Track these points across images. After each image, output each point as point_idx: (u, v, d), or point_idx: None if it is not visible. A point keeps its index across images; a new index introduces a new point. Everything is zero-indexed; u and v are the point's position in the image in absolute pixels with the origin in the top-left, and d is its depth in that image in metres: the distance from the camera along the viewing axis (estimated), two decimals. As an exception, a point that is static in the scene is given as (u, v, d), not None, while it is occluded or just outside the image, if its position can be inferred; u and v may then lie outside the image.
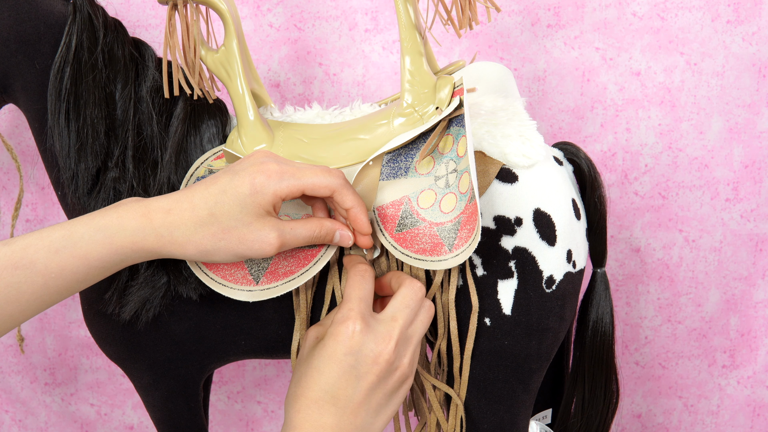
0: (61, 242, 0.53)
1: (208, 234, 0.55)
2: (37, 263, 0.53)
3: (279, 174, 0.55)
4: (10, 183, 0.97)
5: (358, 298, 0.56)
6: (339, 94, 0.92)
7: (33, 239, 0.53)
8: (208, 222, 0.54)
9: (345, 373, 0.54)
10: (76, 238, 0.53)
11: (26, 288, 0.53)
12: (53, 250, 0.53)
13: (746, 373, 1.02)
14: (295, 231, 0.57)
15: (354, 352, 0.54)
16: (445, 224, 0.59)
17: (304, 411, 0.54)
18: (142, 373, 0.70)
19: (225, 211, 0.54)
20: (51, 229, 0.54)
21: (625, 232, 0.97)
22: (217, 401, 1.05)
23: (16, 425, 1.07)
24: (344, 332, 0.54)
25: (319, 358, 0.55)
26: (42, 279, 0.53)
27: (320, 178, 0.57)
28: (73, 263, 0.53)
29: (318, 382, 0.54)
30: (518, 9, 0.90)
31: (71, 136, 0.64)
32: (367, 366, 0.55)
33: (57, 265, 0.53)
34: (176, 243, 0.55)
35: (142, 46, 0.67)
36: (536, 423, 0.74)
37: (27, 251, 0.53)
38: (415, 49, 0.63)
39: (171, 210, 0.54)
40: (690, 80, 0.91)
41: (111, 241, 0.54)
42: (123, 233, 0.54)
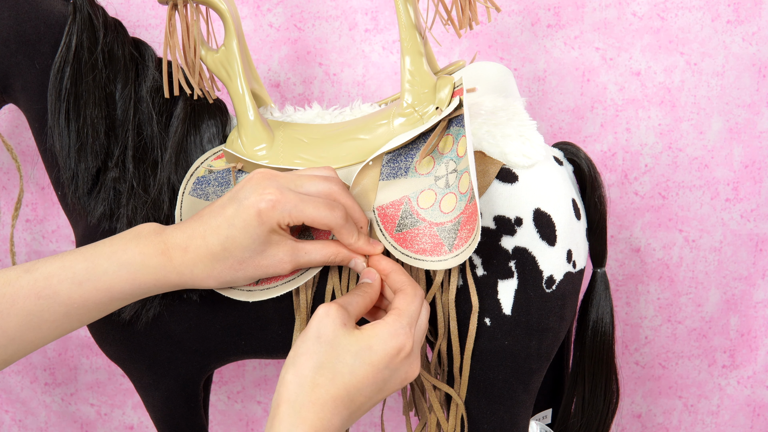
0: (84, 275, 0.54)
1: (225, 267, 0.56)
2: (61, 294, 0.54)
3: (281, 204, 0.55)
4: (10, 183, 0.97)
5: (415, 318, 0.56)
6: (339, 94, 0.92)
7: (55, 268, 0.54)
8: (223, 257, 0.56)
9: (374, 384, 0.53)
10: (99, 273, 0.54)
11: (48, 316, 0.54)
12: (77, 282, 0.54)
13: (746, 373, 1.02)
14: (309, 255, 0.58)
15: (394, 368, 0.54)
16: (445, 224, 0.59)
17: (320, 407, 0.51)
18: (142, 373, 0.70)
19: (237, 245, 0.55)
20: (73, 259, 0.55)
21: (625, 232, 0.97)
22: (217, 401, 1.05)
23: (16, 425, 1.07)
24: (396, 349, 0.53)
25: (358, 358, 0.52)
26: (64, 309, 0.54)
27: (322, 213, 0.56)
28: (96, 295, 0.55)
29: (347, 382, 0.52)
30: (518, 9, 0.90)
31: (71, 136, 0.64)
32: (394, 384, 0.55)
33: (80, 296, 0.54)
34: (197, 278, 0.56)
35: (142, 46, 0.67)
36: (536, 423, 0.74)
37: (50, 281, 0.54)
38: (415, 49, 0.63)
39: (188, 248, 0.55)
40: (690, 80, 0.91)
41: (134, 277, 0.55)
42: (145, 270, 0.55)
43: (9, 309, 0.53)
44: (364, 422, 1.07)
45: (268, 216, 0.55)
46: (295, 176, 0.58)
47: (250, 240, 0.55)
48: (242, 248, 0.55)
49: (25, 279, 0.53)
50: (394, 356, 0.53)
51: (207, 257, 0.55)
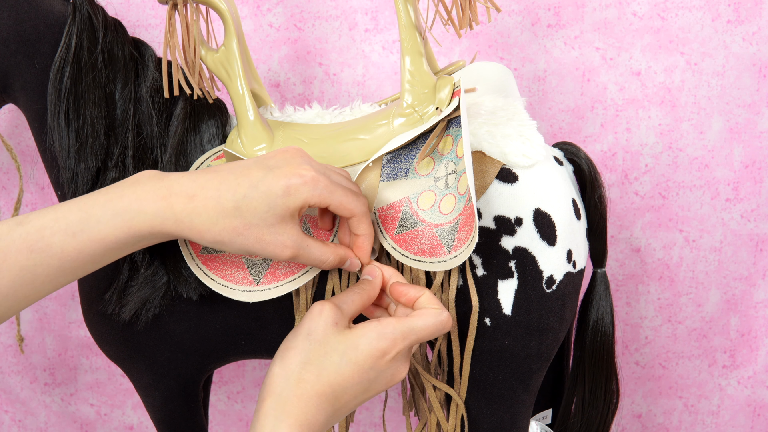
0: (78, 225, 0.52)
1: (229, 227, 0.53)
2: (54, 246, 0.52)
3: (314, 182, 0.54)
4: (10, 183, 0.97)
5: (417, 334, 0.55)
6: (339, 94, 0.92)
7: (48, 220, 0.52)
8: (232, 215, 0.53)
9: (360, 383, 0.53)
10: (93, 222, 0.52)
11: (41, 270, 0.52)
12: (70, 233, 0.52)
13: (746, 374, 1.02)
14: (309, 250, 0.56)
15: (380, 370, 0.54)
16: (444, 225, 0.59)
17: (305, 402, 0.51)
18: (142, 373, 0.70)
19: (253, 207, 0.53)
20: (67, 210, 0.52)
21: (626, 232, 0.97)
22: (217, 401, 1.05)
23: (15, 425, 1.07)
24: (381, 351, 0.53)
25: (343, 356, 0.53)
26: (58, 262, 0.52)
27: (349, 199, 0.56)
28: (91, 246, 0.52)
29: (331, 380, 0.52)
30: (518, 9, 0.90)
31: (71, 136, 0.64)
32: (380, 385, 0.54)
33: (74, 248, 0.52)
34: (195, 229, 0.53)
35: (142, 46, 0.67)
36: (536, 423, 0.74)
37: (43, 233, 0.51)
38: (415, 49, 0.63)
39: (195, 196, 0.53)
40: (690, 80, 0.91)
41: (129, 225, 0.52)
42: (142, 217, 0.52)
43: (1, 264, 0.51)
44: (365, 422, 1.07)
45: (297, 191, 0.53)
46: (324, 165, 0.57)
47: (267, 208, 0.53)
48: (255, 214, 0.53)
49: (17, 232, 0.51)
50: (379, 358, 0.53)
51: (215, 210, 0.53)
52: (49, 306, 1.02)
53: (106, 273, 0.66)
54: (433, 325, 0.56)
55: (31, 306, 1.02)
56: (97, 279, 0.66)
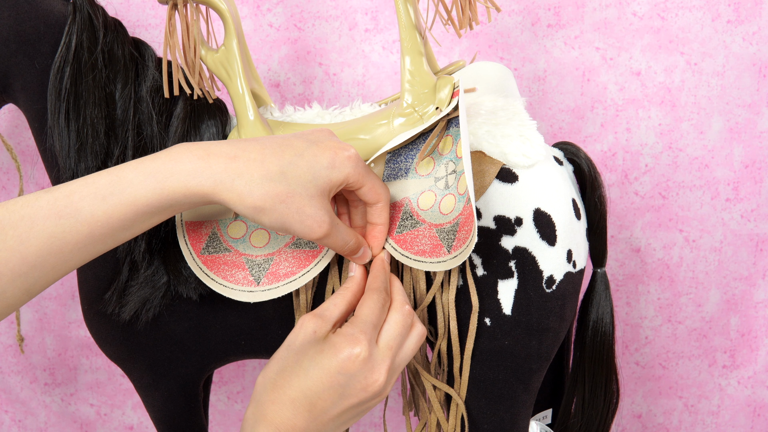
0: (108, 188, 0.50)
1: (273, 192, 0.51)
2: (83, 211, 0.49)
3: (357, 159, 0.54)
4: (9, 183, 0.97)
5: (372, 324, 0.54)
6: (339, 94, 0.92)
7: (77, 186, 0.50)
8: (277, 179, 0.51)
9: (331, 388, 0.53)
10: (124, 184, 0.50)
11: (70, 238, 0.50)
12: (100, 197, 0.50)
13: (747, 374, 1.02)
14: (339, 229, 0.55)
15: (349, 374, 0.53)
16: (444, 225, 0.59)
17: (279, 404, 0.52)
18: (142, 373, 0.70)
19: (298, 174, 0.52)
20: (96, 175, 0.50)
21: (626, 232, 0.97)
22: (217, 401, 1.05)
23: (15, 425, 1.07)
24: (347, 352, 0.52)
25: (312, 361, 0.53)
26: (87, 228, 0.50)
27: (379, 184, 0.57)
28: (121, 210, 0.50)
29: (302, 384, 0.53)
30: (518, 9, 0.90)
31: (71, 136, 0.64)
32: (355, 390, 0.53)
33: (104, 212, 0.50)
34: (235, 191, 0.51)
35: (142, 45, 0.67)
36: (536, 423, 0.74)
37: (71, 198, 0.49)
38: (415, 49, 0.63)
39: (237, 157, 0.51)
40: (690, 80, 0.91)
41: (162, 186, 0.50)
42: (176, 177, 0.50)
43: (29, 232, 0.49)
44: (364, 422, 1.07)
45: (342, 165, 0.53)
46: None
47: (312, 177, 0.52)
48: (299, 181, 0.52)
49: (45, 199, 0.49)
50: (345, 360, 0.52)
51: (259, 172, 0.51)
52: (49, 306, 1.02)
53: (106, 273, 0.66)
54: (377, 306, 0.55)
55: (32, 306, 1.02)
56: (97, 279, 0.66)
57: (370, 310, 0.55)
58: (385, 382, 0.54)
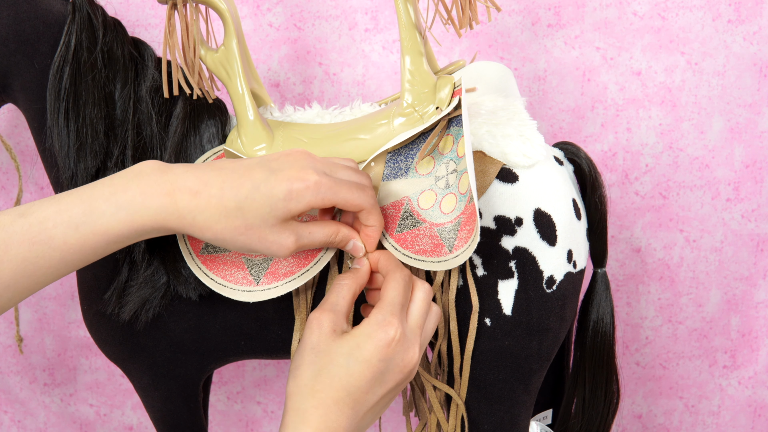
0: (81, 218, 0.52)
1: (231, 226, 0.54)
2: (56, 239, 0.51)
3: (317, 186, 0.54)
4: (9, 183, 0.97)
5: (400, 304, 0.55)
6: (339, 94, 0.92)
7: (51, 212, 0.51)
8: (234, 215, 0.53)
9: (373, 378, 0.53)
10: (96, 215, 0.52)
11: (43, 263, 0.52)
12: (73, 226, 0.52)
13: (747, 374, 1.02)
14: (312, 235, 0.56)
15: (388, 359, 0.53)
16: (445, 225, 0.59)
17: (323, 410, 0.51)
18: (141, 373, 0.70)
19: (254, 208, 0.53)
20: (70, 202, 0.52)
21: (626, 232, 0.97)
22: (217, 401, 1.05)
23: (15, 426, 1.07)
24: (384, 338, 0.53)
25: (350, 358, 0.53)
26: (59, 254, 0.52)
27: (354, 195, 0.56)
28: (93, 239, 0.52)
29: (345, 383, 0.52)
30: (518, 9, 0.90)
31: (70, 136, 0.63)
32: (393, 373, 0.54)
33: (76, 241, 0.52)
34: (197, 226, 0.53)
35: (141, 45, 0.67)
36: (537, 423, 0.74)
37: (45, 225, 0.51)
38: (415, 48, 0.63)
39: (199, 193, 0.53)
40: (691, 80, 0.91)
41: (133, 219, 0.52)
42: (145, 212, 0.52)
43: (3, 255, 0.51)
44: (364, 423, 1.06)
45: (299, 196, 0.53)
46: (331, 163, 0.57)
47: (269, 210, 0.53)
48: (257, 215, 0.53)
49: (19, 224, 0.51)
50: (384, 347, 0.53)
51: (217, 209, 0.53)
52: (48, 306, 1.02)
53: (106, 273, 0.66)
54: (402, 287, 0.56)
55: (31, 306, 1.02)
56: (97, 279, 0.66)
57: (396, 291, 0.56)
58: (418, 359, 0.55)
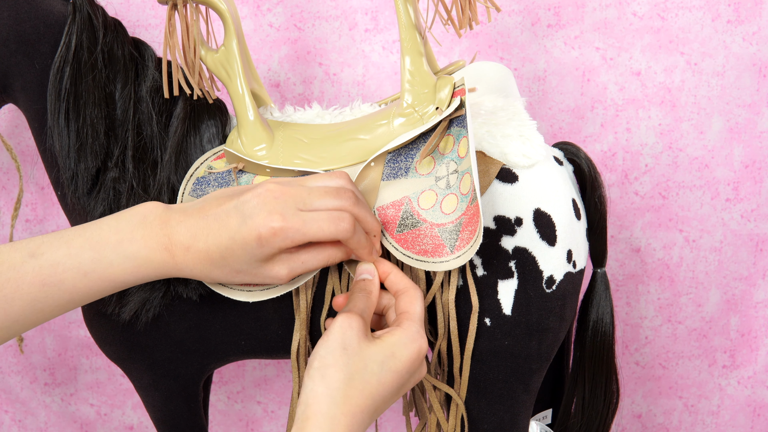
0: (90, 265, 0.55)
1: (223, 273, 0.57)
2: (65, 282, 0.55)
3: (283, 232, 0.54)
4: (9, 183, 0.97)
5: (422, 319, 0.58)
6: (339, 94, 0.92)
7: (61, 256, 0.55)
8: (221, 264, 0.56)
9: (398, 388, 0.54)
10: (105, 264, 0.55)
11: (51, 302, 0.55)
12: (82, 273, 0.55)
13: (747, 374, 1.02)
14: (305, 264, 0.58)
15: (413, 371, 0.55)
16: (446, 225, 0.59)
17: (351, 417, 0.51)
18: (141, 373, 0.70)
19: (235, 257, 0.56)
20: (80, 247, 0.55)
21: (626, 232, 0.97)
22: (217, 401, 1.05)
23: (15, 425, 1.07)
24: (418, 350, 0.55)
25: (383, 366, 0.53)
26: (68, 296, 0.55)
27: (325, 229, 0.55)
28: (100, 285, 0.56)
29: (375, 392, 0.52)
30: (518, 9, 0.90)
31: (71, 136, 0.64)
32: (408, 386, 0.56)
33: (84, 285, 0.55)
34: (194, 275, 0.57)
35: (141, 46, 0.67)
36: (536, 423, 0.74)
37: (56, 269, 0.54)
38: (415, 49, 0.63)
39: (189, 248, 0.56)
40: (690, 80, 0.91)
41: (138, 270, 0.56)
42: (149, 264, 0.56)
43: (13, 294, 0.54)
44: (364, 422, 1.06)
45: (269, 242, 0.55)
46: (306, 191, 0.56)
47: (248, 257, 0.55)
48: (240, 261, 0.56)
49: (30, 265, 0.54)
50: (416, 360, 0.55)
51: (206, 261, 0.56)
52: (49, 306, 1.02)
53: (106, 273, 0.66)
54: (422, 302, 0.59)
55: (31, 306, 1.02)
56: (97, 279, 0.66)
57: (421, 307, 0.58)
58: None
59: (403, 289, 0.59)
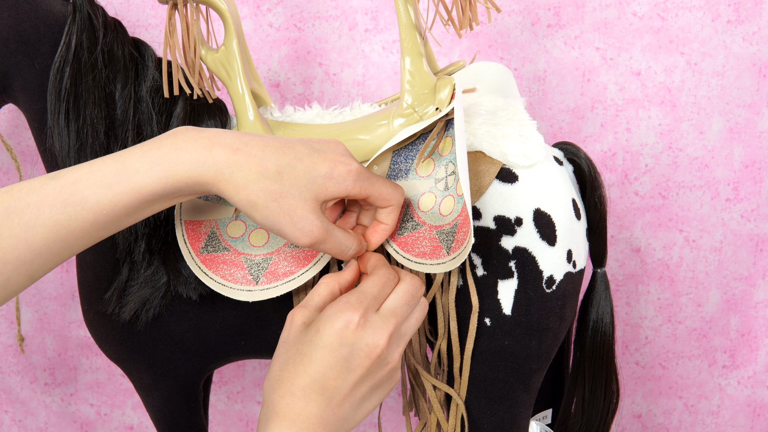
0: (114, 177, 0.50)
1: (267, 190, 0.52)
2: (89, 199, 0.50)
3: (358, 173, 0.54)
4: (9, 183, 0.97)
5: (372, 295, 0.54)
6: (339, 94, 0.92)
7: (83, 173, 0.50)
8: (273, 178, 0.52)
9: (337, 363, 0.52)
10: (130, 173, 0.51)
11: (75, 225, 0.50)
12: (106, 185, 0.50)
13: (746, 374, 1.02)
14: (335, 234, 0.55)
15: (349, 343, 0.52)
16: (444, 227, 0.59)
17: (289, 397, 0.51)
18: (142, 373, 0.70)
19: (294, 176, 0.52)
20: (102, 163, 0.51)
21: (626, 232, 0.97)
22: (217, 401, 1.05)
23: (15, 425, 1.07)
24: (342, 320, 0.52)
25: (311, 344, 0.52)
26: (93, 216, 0.51)
27: (389, 189, 0.56)
28: (126, 198, 0.51)
29: (307, 369, 0.52)
30: (518, 9, 0.90)
31: (71, 136, 0.64)
32: (359, 359, 0.53)
33: (109, 201, 0.50)
34: (232, 183, 0.52)
35: (142, 45, 0.67)
36: (536, 423, 0.74)
37: (78, 186, 0.50)
38: (415, 49, 0.63)
39: (239, 149, 0.52)
40: (690, 80, 0.91)
41: (168, 174, 0.51)
42: (180, 166, 0.51)
43: (35, 220, 0.49)
44: (364, 422, 1.07)
45: (341, 178, 0.53)
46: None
47: (308, 182, 0.52)
48: (295, 182, 0.52)
49: (51, 186, 0.50)
50: (343, 330, 0.52)
51: (257, 168, 0.52)
52: (49, 306, 1.02)
53: (106, 273, 0.66)
54: (380, 281, 0.55)
55: (32, 306, 1.02)
56: (97, 279, 0.66)
57: (372, 283, 0.55)
58: (387, 347, 0.53)
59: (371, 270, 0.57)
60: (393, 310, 0.55)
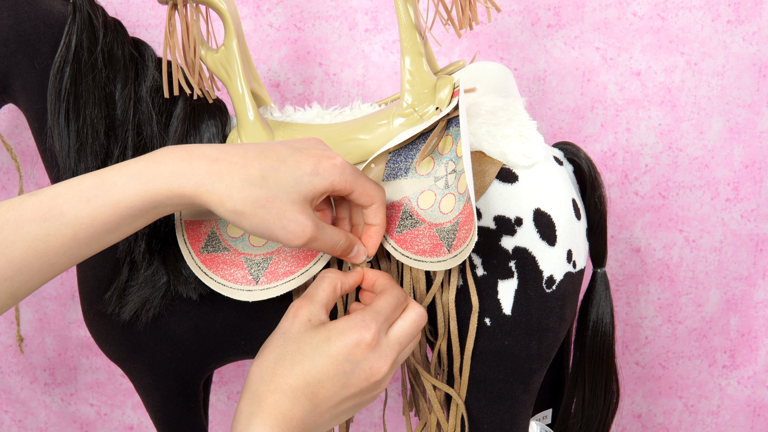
0: (92, 191, 0.50)
1: (253, 197, 0.51)
2: (67, 213, 0.50)
3: (343, 166, 0.54)
4: (9, 183, 0.97)
5: (385, 316, 0.54)
6: (339, 94, 0.92)
7: (62, 188, 0.50)
8: (257, 184, 0.51)
9: (336, 376, 0.52)
10: (108, 186, 0.50)
11: (55, 241, 0.50)
12: (84, 199, 0.50)
13: (746, 374, 1.02)
14: (326, 234, 0.55)
15: (355, 361, 0.52)
16: (444, 225, 0.59)
17: (279, 395, 0.51)
18: (142, 373, 0.70)
19: (279, 179, 0.52)
20: (81, 178, 0.51)
21: (626, 232, 0.97)
22: (217, 401, 1.05)
23: (15, 425, 1.07)
24: (356, 337, 0.52)
25: (316, 349, 0.52)
26: (72, 231, 0.50)
27: (371, 186, 0.56)
28: (105, 212, 0.50)
29: (304, 372, 0.52)
30: (518, 9, 0.90)
31: (71, 136, 0.64)
32: (358, 379, 0.53)
33: (88, 215, 0.50)
34: (215, 194, 0.51)
35: (142, 46, 0.67)
36: (536, 423, 0.74)
37: (56, 201, 0.50)
38: (415, 49, 0.63)
39: (219, 159, 0.51)
40: (690, 80, 0.91)
41: (146, 187, 0.50)
42: (159, 179, 0.50)
43: (13, 235, 0.49)
44: (365, 422, 1.07)
45: (326, 172, 0.53)
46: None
47: (294, 182, 0.52)
48: (280, 186, 0.52)
49: (30, 202, 0.50)
50: (353, 347, 0.52)
51: (240, 175, 0.51)
52: (49, 306, 1.02)
53: (106, 273, 0.66)
54: (393, 301, 0.55)
55: (32, 306, 1.02)
56: (97, 279, 0.66)
57: (387, 303, 0.55)
58: (387, 374, 0.54)
59: (382, 290, 0.57)
60: (399, 339, 0.55)
